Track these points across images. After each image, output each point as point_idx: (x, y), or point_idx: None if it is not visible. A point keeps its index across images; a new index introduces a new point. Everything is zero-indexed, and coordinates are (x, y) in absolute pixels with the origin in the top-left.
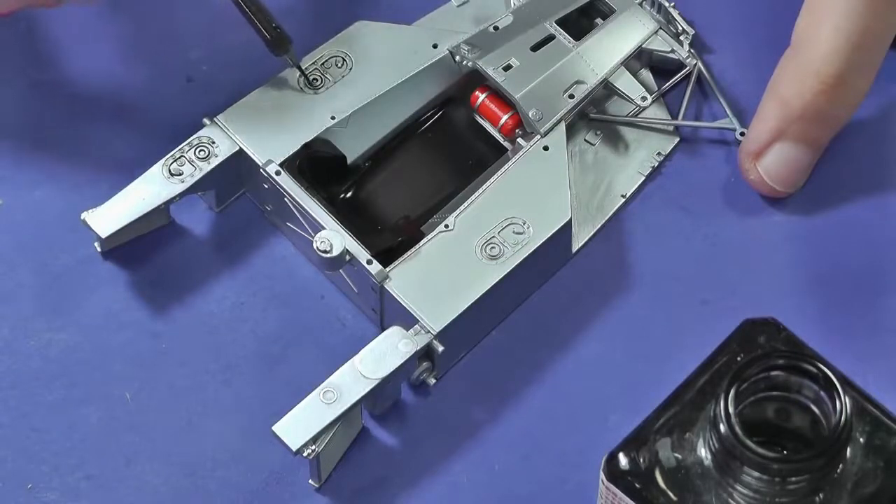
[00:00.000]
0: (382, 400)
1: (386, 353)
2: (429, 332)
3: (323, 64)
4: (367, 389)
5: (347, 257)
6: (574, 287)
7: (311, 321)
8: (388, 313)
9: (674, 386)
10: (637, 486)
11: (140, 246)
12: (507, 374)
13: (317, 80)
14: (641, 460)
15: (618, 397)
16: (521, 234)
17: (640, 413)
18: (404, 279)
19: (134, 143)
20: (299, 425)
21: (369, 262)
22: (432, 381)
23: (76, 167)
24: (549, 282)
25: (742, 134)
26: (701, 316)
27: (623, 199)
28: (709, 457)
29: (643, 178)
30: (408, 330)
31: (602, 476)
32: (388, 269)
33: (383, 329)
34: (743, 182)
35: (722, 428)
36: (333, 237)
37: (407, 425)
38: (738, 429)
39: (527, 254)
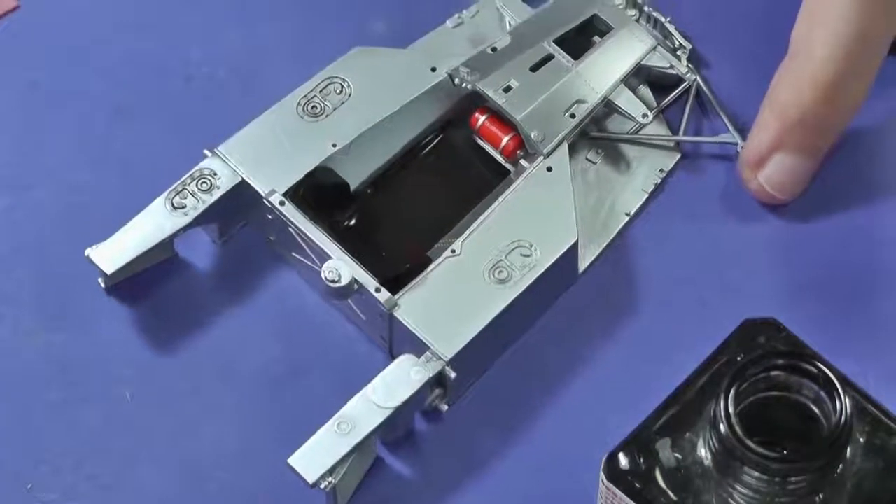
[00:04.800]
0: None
1: (399, 381)
2: (440, 358)
3: (322, 91)
4: (382, 419)
5: (356, 286)
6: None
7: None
8: (397, 340)
9: (674, 386)
10: (637, 486)
11: (143, 279)
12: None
13: (316, 108)
14: (641, 460)
15: (618, 397)
16: (528, 256)
17: (640, 413)
18: (413, 306)
19: (134, 143)
20: (315, 457)
21: (378, 291)
22: (445, 407)
23: (76, 166)
24: (556, 301)
25: (743, 147)
26: (701, 316)
27: (627, 218)
28: (709, 457)
29: (646, 196)
30: (419, 357)
31: (602, 476)
32: (396, 296)
33: (392, 355)
34: (746, 195)
35: (722, 428)
36: (341, 267)
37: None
38: (738, 429)
39: (535, 276)
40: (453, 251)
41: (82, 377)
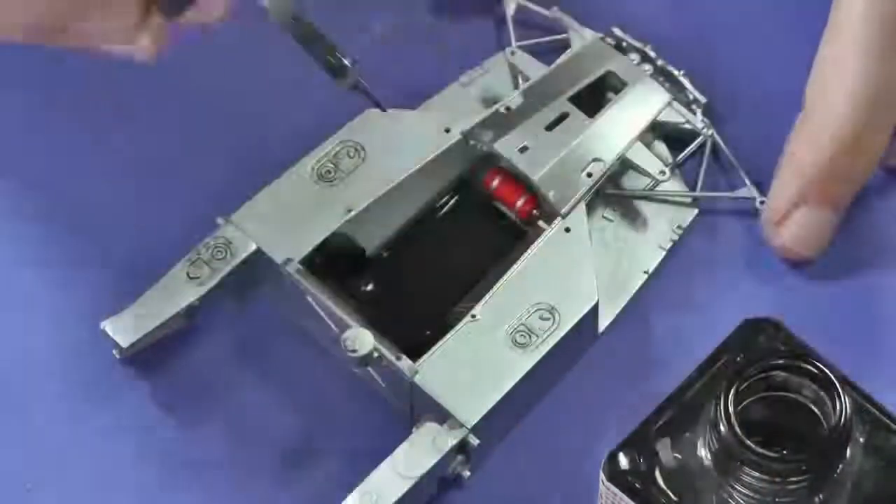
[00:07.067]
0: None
1: (422, 450)
2: (463, 425)
3: (335, 155)
4: (406, 489)
5: (376, 354)
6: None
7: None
8: (418, 406)
9: (674, 386)
10: (637, 486)
11: (159, 349)
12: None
13: (330, 172)
14: (641, 460)
15: (618, 397)
16: (548, 319)
17: (640, 413)
18: (434, 373)
19: (134, 142)
20: None
21: (398, 359)
22: (467, 473)
23: (77, 166)
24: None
25: (762, 203)
26: (701, 316)
27: (646, 276)
28: (709, 457)
29: (664, 253)
30: (441, 423)
31: (602, 476)
32: (417, 363)
33: (413, 422)
34: (765, 250)
35: (722, 428)
36: (361, 335)
37: None
38: (737, 429)
39: (556, 340)
40: (473, 316)
41: (82, 377)
